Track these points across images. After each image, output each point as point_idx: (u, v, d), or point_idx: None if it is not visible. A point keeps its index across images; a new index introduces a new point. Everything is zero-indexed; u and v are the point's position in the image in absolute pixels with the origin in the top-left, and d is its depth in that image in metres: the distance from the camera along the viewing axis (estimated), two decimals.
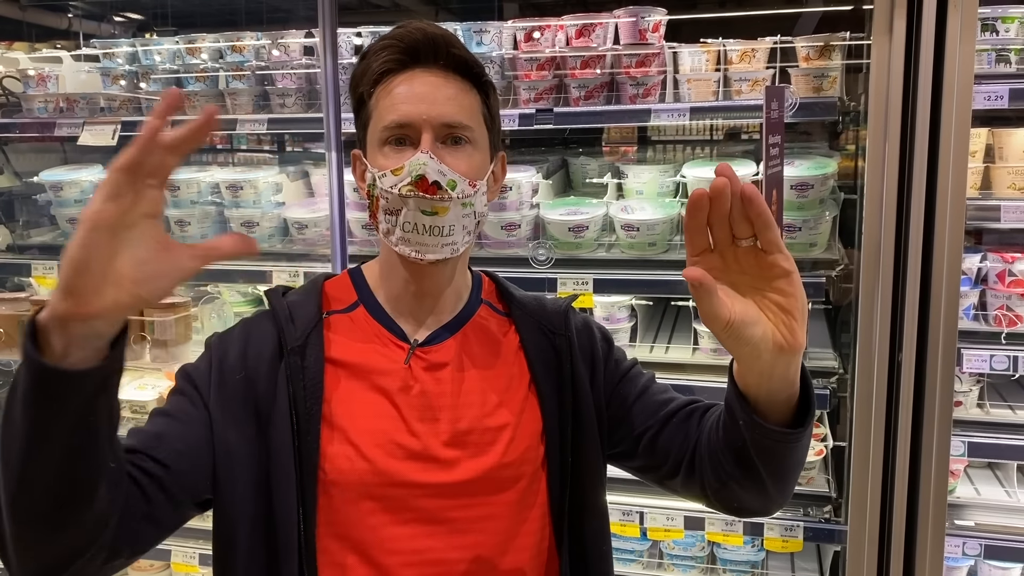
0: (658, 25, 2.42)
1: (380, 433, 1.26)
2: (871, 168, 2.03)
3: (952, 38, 1.93)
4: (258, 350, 1.27)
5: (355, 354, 1.31)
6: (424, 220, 1.21)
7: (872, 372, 2.08)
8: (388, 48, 1.23)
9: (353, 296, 1.36)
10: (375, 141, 1.25)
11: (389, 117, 1.22)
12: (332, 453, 1.24)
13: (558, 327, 1.37)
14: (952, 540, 2.25)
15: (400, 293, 1.32)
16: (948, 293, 2.01)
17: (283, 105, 2.71)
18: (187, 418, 1.23)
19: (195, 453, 1.21)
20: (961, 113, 1.96)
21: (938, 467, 2.07)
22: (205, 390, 1.25)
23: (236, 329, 1.33)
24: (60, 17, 4.00)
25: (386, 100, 1.23)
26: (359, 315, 1.34)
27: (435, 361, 1.31)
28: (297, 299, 1.34)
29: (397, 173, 1.20)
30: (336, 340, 1.31)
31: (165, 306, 2.42)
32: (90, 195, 2.84)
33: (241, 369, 1.26)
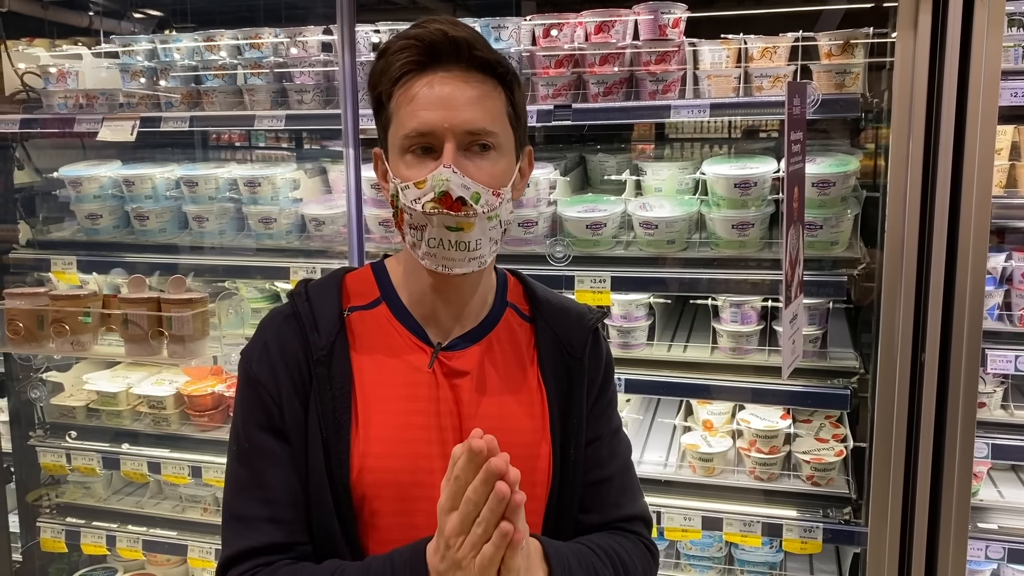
0: (678, 21, 2.39)
1: (404, 439, 1.26)
2: (894, 165, 2.00)
3: (979, 33, 1.89)
4: (287, 364, 1.27)
5: (379, 357, 1.30)
6: (450, 236, 1.20)
7: (894, 372, 2.05)
8: (408, 48, 1.20)
9: (375, 292, 1.34)
10: (396, 147, 1.22)
11: (410, 124, 1.19)
12: (359, 460, 1.25)
13: (576, 349, 1.35)
14: (975, 543, 2.22)
15: (424, 296, 1.31)
16: (972, 293, 1.98)
17: (301, 101, 2.71)
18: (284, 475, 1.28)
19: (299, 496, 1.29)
20: (987, 110, 1.93)
21: (961, 469, 2.04)
22: (278, 419, 1.28)
23: (259, 346, 1.30)
24: (81, 15, 4.02)
25: (406, 105, 1.19)
26: (381, 313, 1.33)
27: (457, 368, 1.30)
28: (318, 296, 1.32)
29: (420, 187, 1.18)
30: (360, 342, 1.30)
31: (182, 301, 2.42)
32: (109, 191, 2.87)
33: (276, 391, 1.27)
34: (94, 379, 3.08)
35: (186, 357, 2.47)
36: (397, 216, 1.25)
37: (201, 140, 3.33)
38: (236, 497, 1.29)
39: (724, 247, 2.42)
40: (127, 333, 2.47)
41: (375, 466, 1.25)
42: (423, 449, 1.27)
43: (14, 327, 2.53)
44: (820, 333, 2.42)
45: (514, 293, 1.39)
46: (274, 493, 1.27)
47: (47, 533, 3.04)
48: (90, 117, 2.75)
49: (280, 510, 1.26)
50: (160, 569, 3.23)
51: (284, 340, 1.29)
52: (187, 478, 2.88)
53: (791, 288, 1.96)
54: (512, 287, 1.40)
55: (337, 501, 1.25)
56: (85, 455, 2.95)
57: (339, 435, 1.25)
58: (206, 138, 3.45)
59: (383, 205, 2.66)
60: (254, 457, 1.27)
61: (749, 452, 2.47)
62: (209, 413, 2.95)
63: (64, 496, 3.13)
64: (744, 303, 2.43)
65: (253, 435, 1.27)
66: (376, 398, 1.28)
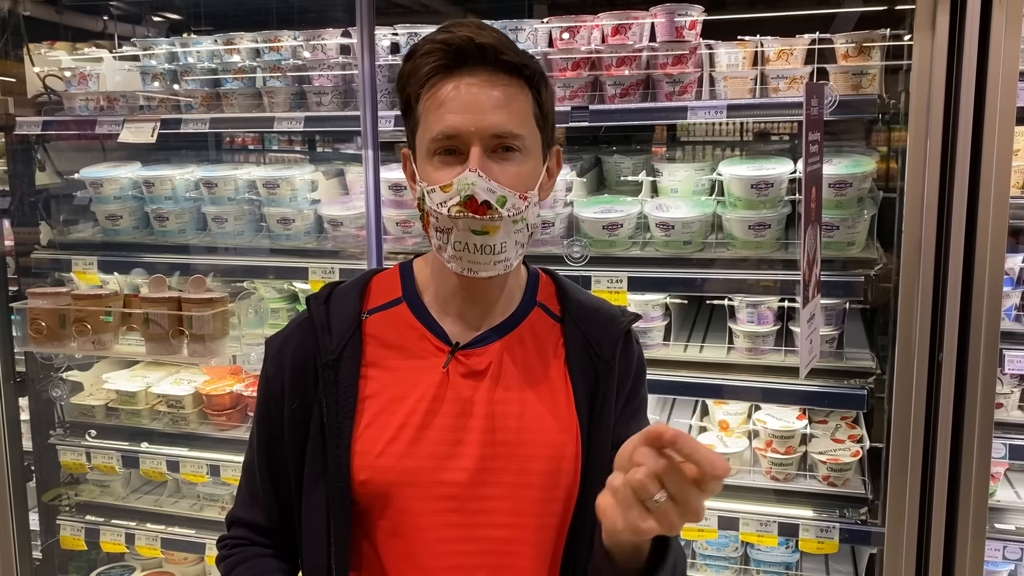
0: (695, 23, 2.41)
1: (409, 439, 1.27)
2: (912, 167, 2.01)
3: (996, 34, 1.90)
4: (295, 366, 1.32)
5: (393, 358, 1.31)
6: (475, 240, 1.21)
7: (911, 373, 2.06)
8: (435, 52, 1.21)
9: (397, 292, 1.36)
10: (424, 150, 1.23)
11: (437, 128, 1.20)
12: (361, 461, 1.27)
13: (605, 352, 1.33)
14: (992, 544, 2.22)
15: (449, 295, 1.32)
16: (990, 294, 1.98)
17: (319, 103, 2.73)
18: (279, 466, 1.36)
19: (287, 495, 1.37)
20: (1005, 110, 1.93)
21: (979, 469, 2.04)
22: (277, 421, 1.35)
23: (276, 346, 1.37)
24: (96, 19, 4.06)
25: (434, 108, 1.20)
26: (401, 312, 1.34)
27: (474, 368, 1.30)
28: (339, 300, 1.35)
29: (446, 190, 1.19)
30: (374, 342, 1.32)
31: (203, 301, 2.45)
32: (129, 192, 2.90)
33: (282, 392, 1.33)
34: (113, 378, 3.11)
35: (206, 356, 2.50)
36: (423, 218, 1.27)
37: (216, 142, 3.36)
38: (244, 469, 1.44)
39: (740, 248, 2.43)
40: (148, 332, 2.49)
41: (375, 468, 1.27)
42: (430, 450, 1.27)
43: (37, 326, 2.56)
44: (837, 333, 2.43)
45: (545, 292, 1.39)
46: (261, 483, 1.38)
47: (67, 531, 3.08)
48: (111, 119, 2.79)
49: (264, 498, 1.38)
50: (178, 568, 3.26)
51: (297, 342, 1.33)
52: (205, 476, 2.90)
53: (809, 288, 1.96)
54: (543, 286, 1.40)
55: (331, 501, 1.28)
56: (105, 453, 2.99)
57: (340, 438, 1.27)
58: (223, 140, 3.48)
59: (400, 206, 2.68)
60: (255, 444, 1.38)
61: (765, 452, 2.48)
62: (227, 412, 2.97)
63: (83, 495, 3.17)
64: (760, 303, 2.44)
65: (257, 424, 1.38)
66: (386, 400, 1.29)
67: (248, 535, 1.40)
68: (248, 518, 1.40)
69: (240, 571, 1.37)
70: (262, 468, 1.37)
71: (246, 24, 2.98)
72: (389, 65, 2.66)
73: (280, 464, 1.35)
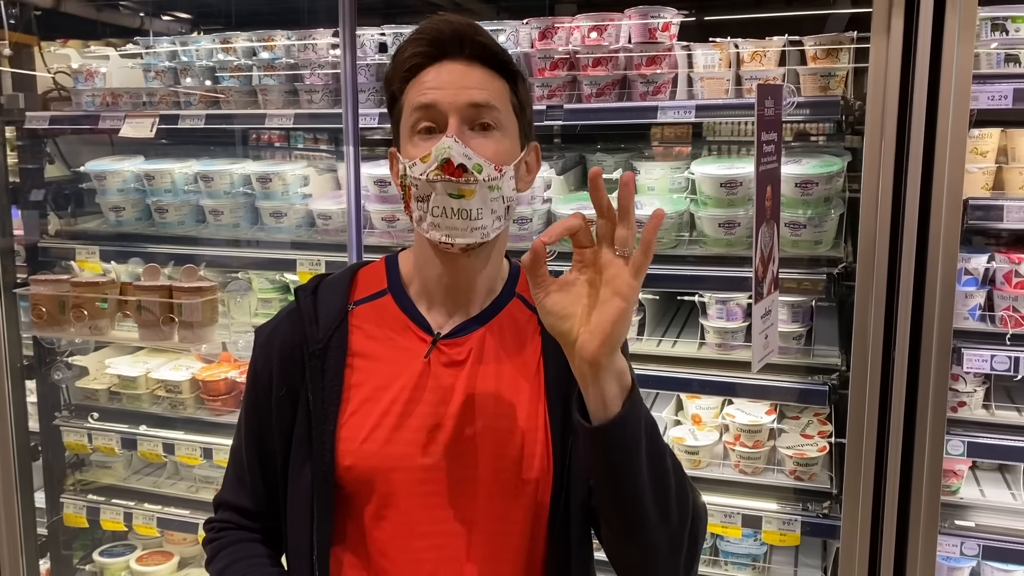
0: (668, 25, 2.46)
1: (392, 427, 1.32)
2: (868, 167, 2.05)
3: (949, 37, 1.93)
4: (283, 356, 1.38)
5: (378, 348, 1.36)
6: (452, 203, 1.25)
7: (866, 370, 2.10)
8: (415, 42, 1.28)
9: (383, 283, 1.41)
10: (406, 132, 1.29)
11: (417, 100, 1.26)
12: (345, 447, 1.32)
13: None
14: (949, 540, 2.25)
15: (433, 285, 1.36)
16: (943, 292, 2.02)
17: (311, 101, 2.83)
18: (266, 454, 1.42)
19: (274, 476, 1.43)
20: (958, 113, 1.97)
21: (931, 465, 2.08)
22: (266, 409, 1.40)
23: (265, 334, 1.43)
24: (133, 16, 4.22)
25: (415, 90, 1.27)
26: (386, 304, 1.39)
27: (455, 358, 1.34)
28: (327, 291, 1.41)
29: (425, 160, 1.24)
30: (359, 332, 1.37)
31: (193, 290, 2.56)
32: (131, 185, 3.02)
33: (269, 380, 1.38)
34: (116, 363, 3.23)
35: (195, 342, 2.61)
36: (405, 196, 1.30)
37: (242, 138, 3.45)
38: (232, 453, 1.50)
39: (711, 245, 2.49)
40: (140, 319, 2.61)
41: (360, 453, 1.32)
42: (411, 436, 1.32)
43: (38, 311, 2.69)
44: (804, 330, 2.47)
45: (524, 284, 1.42)
46: (248, 467, 1.44)
47: (69, 509, 3.21)
48: (113, 115, 2.91)
49: (251, 483, 1.44)
50: (177, 548, 3.38)
51: (285, 332, 1.39)
52: (199, 459, 3.02)
53: (763, 284, 2.01)
54: (523, 278, 1.43)
55: (316, 485, 1.33)
56: (105, 435, 3.11)
57: (324, 425, 1.32)
58: (248, 137, 3.57)
59: (385, 201, 2.77)
60: (243, 430, 1.44)
61: (734, 446, 2.53)
62: (222, 398, 3.08)
63: (87, 475, 3.30)
64: (730, 300, 2.49)
65: (245, 410, 1.44)
66: (370, 388, 1.34)
67: (234, 518, 1.46)
68: (235, 501, 1.46)
69: (225, 554, 1.42)
70: (250, 453, 1.43)
71: (279, 22, 3.03)
72: (377, 64, 2.75)
73: (267, 449, 1.40)
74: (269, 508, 1.43)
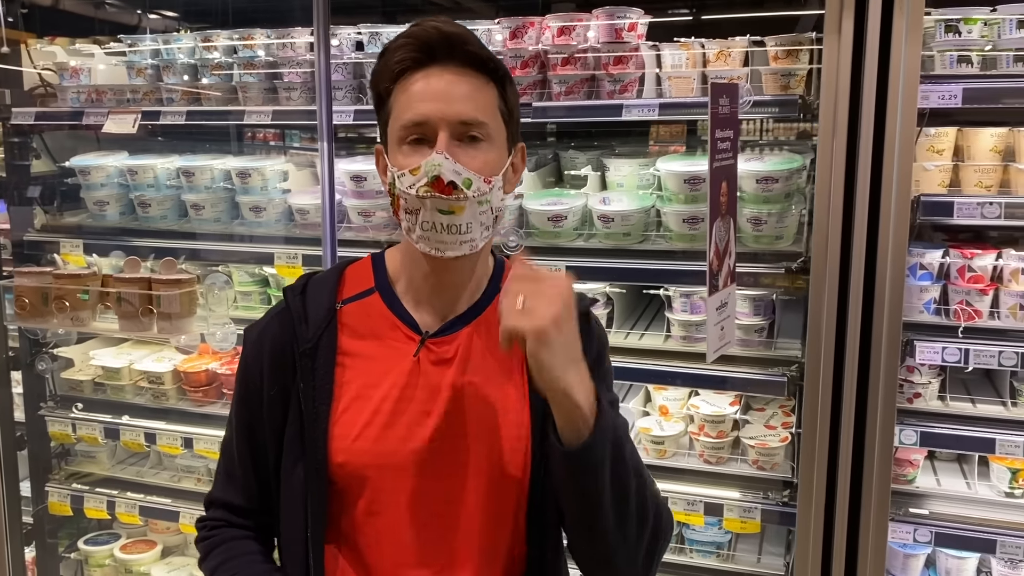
0: (634, 25, 2.52)
1: (383, 424, 1.34)
2: (821, 164, 2.12)
3: (897, 38, 2.00)
4: (273, 355, 1.40)
5: (367, 347, 1.38)
6: (442, 219, 1.28)
7: (819, 360, 2.17)
8: (405, 46, 1.29)
9: (370, 282, 1.42)
10: (395, 139, 1.30)
11: (406, 115, 1.27)
12: (338, 444, 1.35)
13: None
14: (903, 527, 2.31)
15: (420, 284, 1.39)
16: (892, 285, 2.08)
17: (289, 98, 2.89)
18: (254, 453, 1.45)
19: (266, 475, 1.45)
20: (907, 112, 2.03)
21: (881, 453, 2.14)
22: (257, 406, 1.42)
23: (255, 333, 1.45)
24: (132, 13, 4.29)
25: (404, 98, 1.28)
26: (373, 302, 1.40)
27: (443, 356, 1.37)
28: (315, 290, 1.43)
29: (415, 173, 1.27)
30: (348, 331, 1.39)
31: (171, 282, 2.62)
32: (115, 179, 3.08)
33: (260, 378, 1.41)
34: (100, 355, 3.30)
35: (174, 333, 2.67)
36: (394, 203, 1.33)
37: (236, 134, 3.51)
38: (222, 450, 1.51)
39: (677, 240, 2.55)
40: (120, 310, 2.67)
41: (352, 450, 1.34)
42: (402, 434, 1.34)
43: (21, 303, 2.75)
44: (766, 323, 2.53)
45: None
46: (239, 462, 1.46)
47: (54, 497, 3.27)
48: (96, 111, 2.97)
49: (242, 478, 1.46)
50: (160, 536, 3.44)
51: (275, 331, 1.41)
52: (180, 448, 3.08)
53: (718, 277, 2.08)
54: (507, 274, 1.42)
55: (308, 483, 1.35)
56: (89, 425, 3.18)
57: (316, 423, 1.34)
58: (240, 133, 3.61)
59: (361, 196, 2.83)
60: (234, 425, 1.47)
61: (699, 436, 2.59)
62: (203, 389, 3.14)
63: (73, 466, 3.37)
64: (693, 293, 2.55)
65: (236, 406, 1.46)
66: (360, 386, 1.36)
67: (226, 516, 1.47)
68: (226, 498, 1.47)
69: (218, 552, 1.44)
70: (241, 450, 1.44)
71: (277, 21, 3.07)
72: (354, 63, 2.81)
73: (259, 446, 1.42)
74: (261, 503, 1.45)
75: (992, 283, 2.32)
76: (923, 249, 2.35)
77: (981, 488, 2.44)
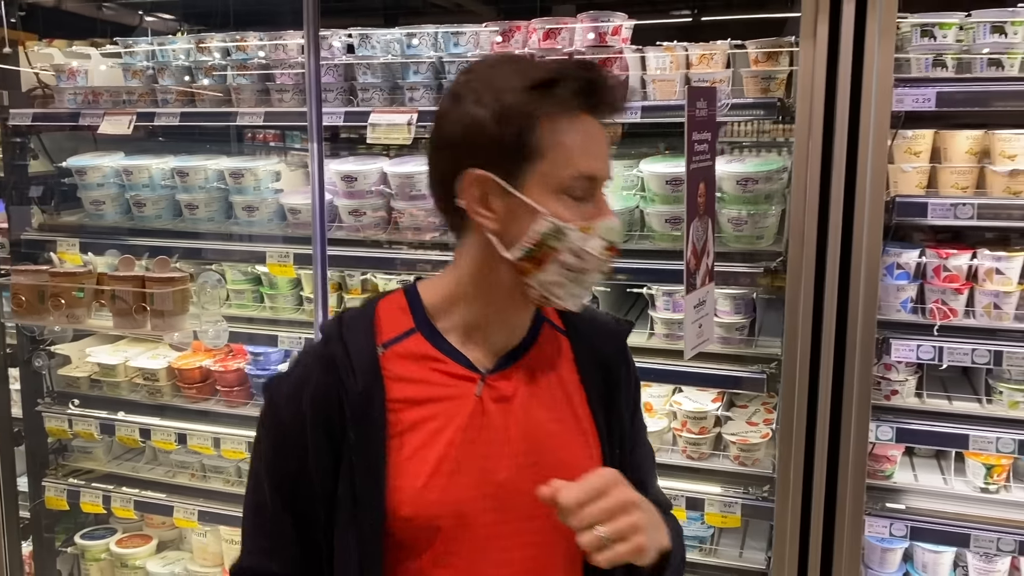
0: (618, 29, 2.57)
1: (450, 471, 1.26)
2: (797, 165, 2.16)
3: (870, 44, 2.05)
4: (318, 408, 1.27)
5: (418, 389, 1.29)
6: (598, 277, 1.28)
7: (796, 358, 2.21)
8: (576, 80, 1.20)
9: (408, 322, 1.33)
10: (551, 185, 1.21)
11: (580, 166, 1.21)
12: (397, 499, 1.26)
13: (612, 361, 1.40)
14: (879, 521, 2.36)
15: (479, 322, 1.31)
16: (867, 285, 2.13)
17: (281, 100, 2.94)
18: (290, 524, 1.32)
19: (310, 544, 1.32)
20: (880, 114, 2.08)
21: (856, 449, 2.19)
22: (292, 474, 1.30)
23: (289, 386, 1.31)
24: (133, 15, 4.34)
25: (567, 142, 1.20)
26: (417, 343, 1.31)
27: (504, 393, 1.31)
28: (351, 334, 1.31)
29: (586, 231, 1.22)
30: (395, 375, 1.29)
31: (164, 280, 2.67)
32: (111, 180, 3.13)
33: (302, 435, 1.28)
34: (96, 352, 3.35)
35: (167, 330, 2.73)
36: (537, 252, 1.23)
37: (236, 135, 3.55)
38: (250, 514, 1.37)
39: (659, 240, 2.60)
40: (115, 307, 2.73)
41: (420, 502, 1.26)
42: (470, 480, 1.27)
43: (18, 300, 2.81)
44: (747, 321, 2.58)
45: (550, 309, 1.39)
46: (277, 528, 1.33)
47: (51, 492, 3.33)
48: (92, 112, 3.02)
49: (283, 546, 1.33)
50: (156, 531, 3.50)
51: (318, 381, 1.28)
52: (174, 444, 3.13)
53: (695, 276, 2.13)
54: None
55: (364, 541, 1.26)
56: (85, 421, 3.23)
57: (373, 476, 1.25)
58: (240, 134, 3.65)
59: (352, 196, 2.88)
60: (267, 489, 1.33)
61: (681, 432, 2.64)
62: (197, 385, 3.20)
63: (69, 461, 3.42)
64: (676, 292, 2.60)
65: (269, 469, 1.33)
66: (419, 432, 1.27)
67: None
68: (262, 568, 1.34)
69: None
70: (280, 516, 1.32)
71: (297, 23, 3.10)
72: (345, 65, 2.86)
73: (303, 509, 1.30)
74: (306, 569, 1.32)
75: (967, 282, 2.36)
76: (900, 249, 2.39)
77: (957, 484, 2.48)
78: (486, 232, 1.25)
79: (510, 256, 1.24)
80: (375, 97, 2.81)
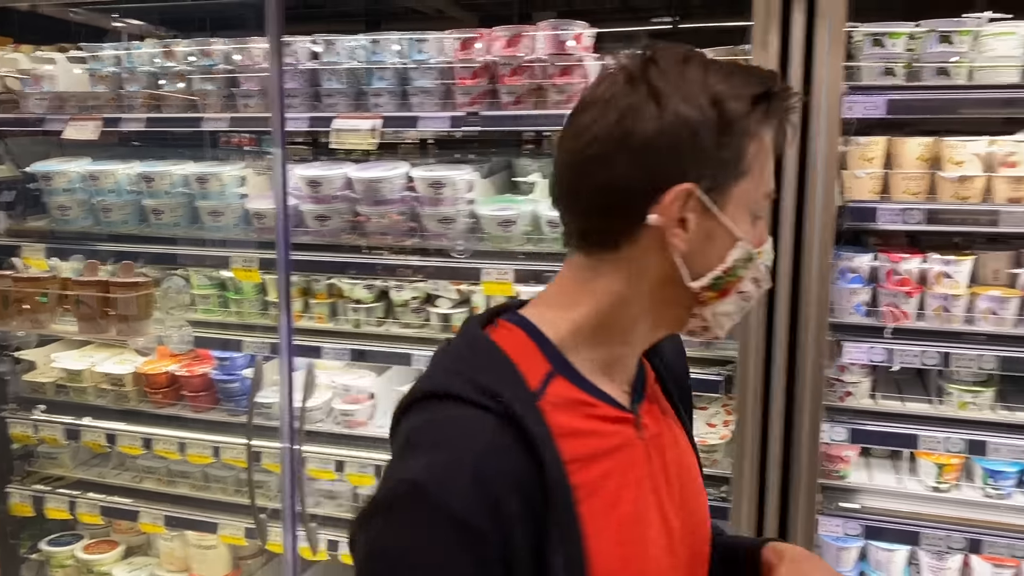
0: (580, 37, 2.61)
1: (643, 534, 1.13)
2: None
3: (820, 52, 2.10)
4: (524, 495, 1.01)
5: (589, 444, 1.10)
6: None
7: (749, 361, 2.26)
8: (787, 100, 1.10)
9: (542, 363, 1.11)
10: (747, 205, 1.09)
11: (770, 184, 1.13)
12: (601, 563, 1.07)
13: (680, 374, 1.34)
14: (834, 520, 2.40)
15: (622, 356, 1.16)
16: (818, 288, 2.18)
17: (247, 106, 2.95)
18: None
19: None
20: (830, 121, 2.13)
21: (808, 449, 2.24)
22: None
23: (463, 477, 0.98)
24: (106, 18, 4.34)
25: (764, 160, 1.10)
26: (563, 388, 1.11)
27: (652, 430, 1.19)
28: (512, 394, 1.04)
29: (760, 256, 1.13)
30: (563, 433, 1.06)
31: (128, 285, 2.68)
32: (77, 185, 3.13)
33: (503, 539, 0.99)
34: (61, 357, 3.35)
35: (131, 335, 2.73)
36: (723, 281, 1.09)
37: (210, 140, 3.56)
38: None
39: None
40: (79, 312, 2.73)
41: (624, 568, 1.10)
42: (655, 534, 1.15)
43: None
44: None
45: None
46: None
47: (15, 499, 3.32)
48: (57, 117, 3.03)
49: None
50: (123, 536, 3.49)
51: (502, 463, 1.00)
52: (140, 449, 3.14)
53: None
54: None
55: None
56: (50, 427, 3.22)
57: (578, 559, 1.04)
58: (215, 139, 3.66)
59: (318, 201, 2.89)
60: None
61: None
62: (163, 390, 3.20)
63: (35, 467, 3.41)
64: None
65: None
66: (605, 496, 1.09)
67: None
68: None
69: None
70: None
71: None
72: (310, 70, 2.88)
73: None
74: None
75: (918, 286, 2.42)
76: (853, 253, 2.44)
77: (910, 483, 2.53)
78: (674, 256, 1.07)
79: (695, 285, 1.08)
80: (340, 103, 2.83)
